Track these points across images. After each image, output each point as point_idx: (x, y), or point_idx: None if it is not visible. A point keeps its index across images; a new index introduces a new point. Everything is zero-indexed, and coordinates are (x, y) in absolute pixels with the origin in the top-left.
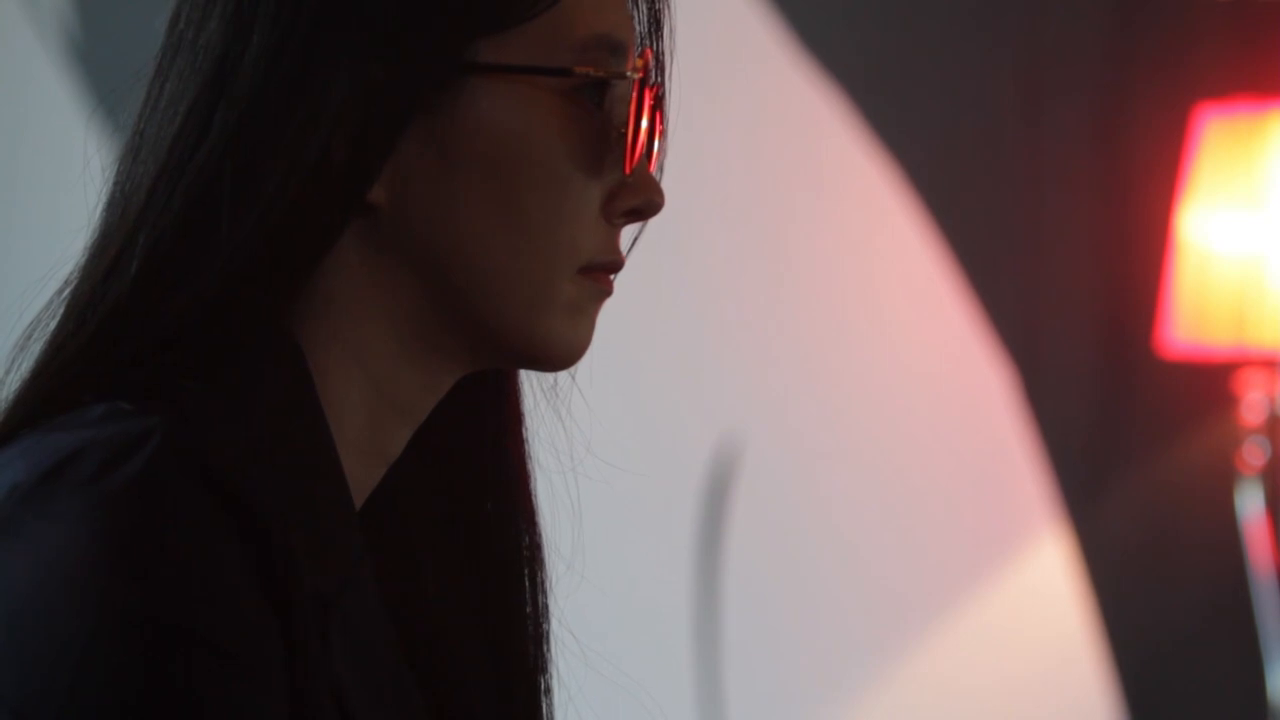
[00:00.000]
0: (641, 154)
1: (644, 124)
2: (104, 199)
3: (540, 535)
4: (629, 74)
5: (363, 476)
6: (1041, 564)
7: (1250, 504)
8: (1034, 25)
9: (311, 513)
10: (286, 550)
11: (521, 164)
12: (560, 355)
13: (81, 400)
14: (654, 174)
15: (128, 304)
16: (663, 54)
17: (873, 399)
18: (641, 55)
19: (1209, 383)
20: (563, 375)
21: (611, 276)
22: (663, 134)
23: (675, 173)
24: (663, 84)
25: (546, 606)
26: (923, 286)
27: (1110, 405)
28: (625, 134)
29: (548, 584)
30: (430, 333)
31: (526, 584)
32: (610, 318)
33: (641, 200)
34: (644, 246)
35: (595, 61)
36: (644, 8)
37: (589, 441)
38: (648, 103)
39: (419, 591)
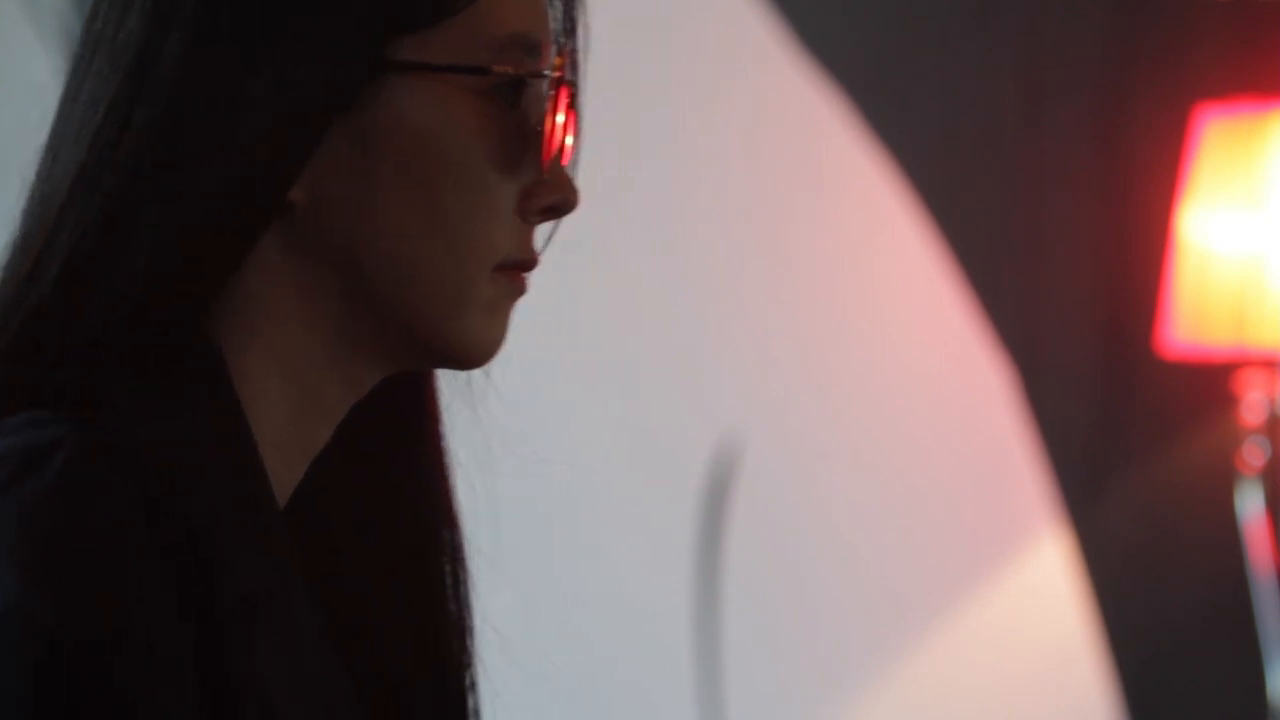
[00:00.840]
0: (557, 152)
1: (560, 122)
2: (24, 199)
3: (460, 533)
4: (545, 73)
5: (285, 473)
6: (1041, 564)
7: (1250, 504)
8: (1034, 25)
9: (233, 512)
10: (209, 551)
11: (438, 162)
12: (476, 353)
13: (6, 403)
14: (569, 172)
15: (50, 305)
16: (577, 52)
17: (873, 399)
18: (558, 54)
19: (1209, 383)
20: (563, 376)
21: (525, 275)
22: (577, 132)
23: (675, 172)
24: (577, 82)
25: (469, 603)
26: (923, 286)
27: (1110, 405)
28: (541, 132)
29: (469, 580)
30: (349, 331)
31: (448, 581)
32: (611, 318)
33: (557, 198)
34: (645, 246)
35: (512, 60)
36: (559, 6)
37: (584, 440)
38: (563, 101)
39: (346, 588)
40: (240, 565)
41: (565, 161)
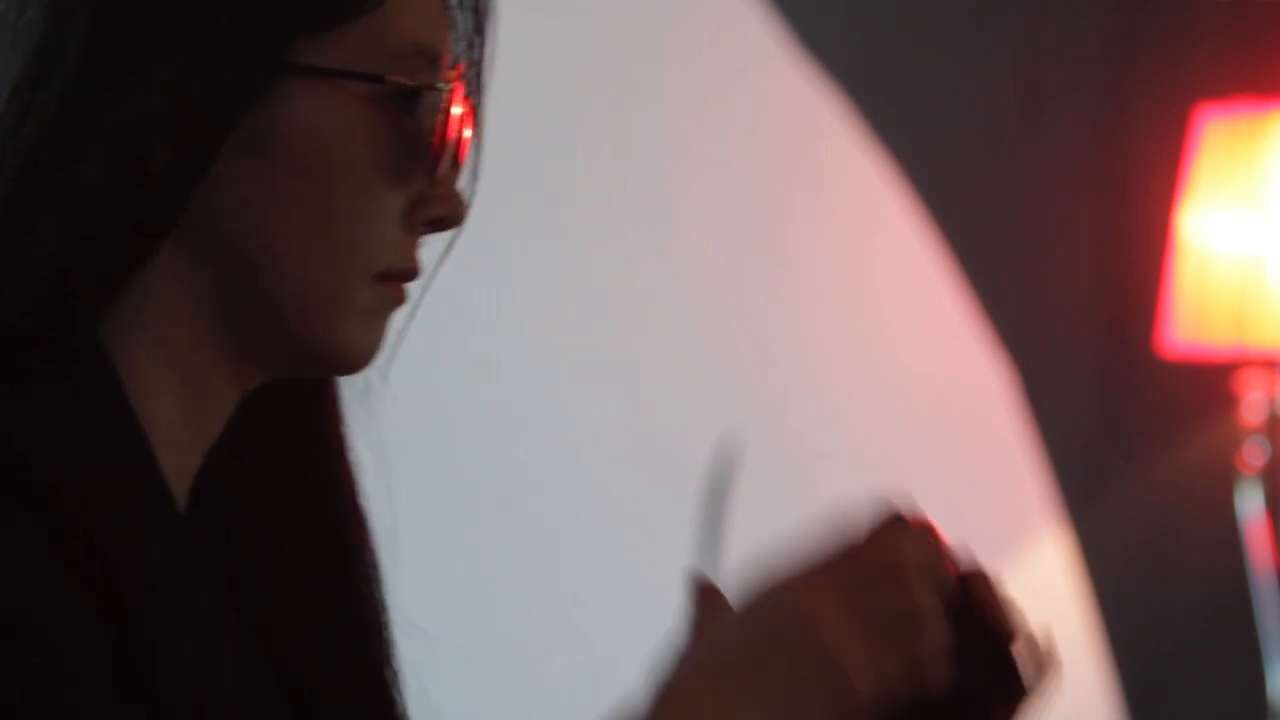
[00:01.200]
0: (447, 165)
1: (452, 136)
2: None
3: (369, 531)
4: (441, 85)
5: (180, 463)
6: (1041, 564)
7: (1250, 504)
8: (1034, 25)
9: (125, 501)
10: (101, 535)
11: (329, 167)
12: (351, 360)
13: None
14: (460, 186)
15: None
16: (481, 67)
17: (873, 399)
18: (455, 67)
19: (1209, 383)
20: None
21: (406, 285)
22: (475, 147)
23: (675, 172)
24: (479, 98)
25: (382, 600)
26: (923, 286)
27: (1110, 405)
28: (433, 144)
29: (379, 578)
30: (233, 328)
31: (359, 578)
32: (611, 318)
33: (443, 210)
34: (644, 247)
35: (410, 70)
36: (467, 20)
37: (587, 440)
38: (458, 115)
39: (261, 580)
40: (134, 547)
41: (457, 175)
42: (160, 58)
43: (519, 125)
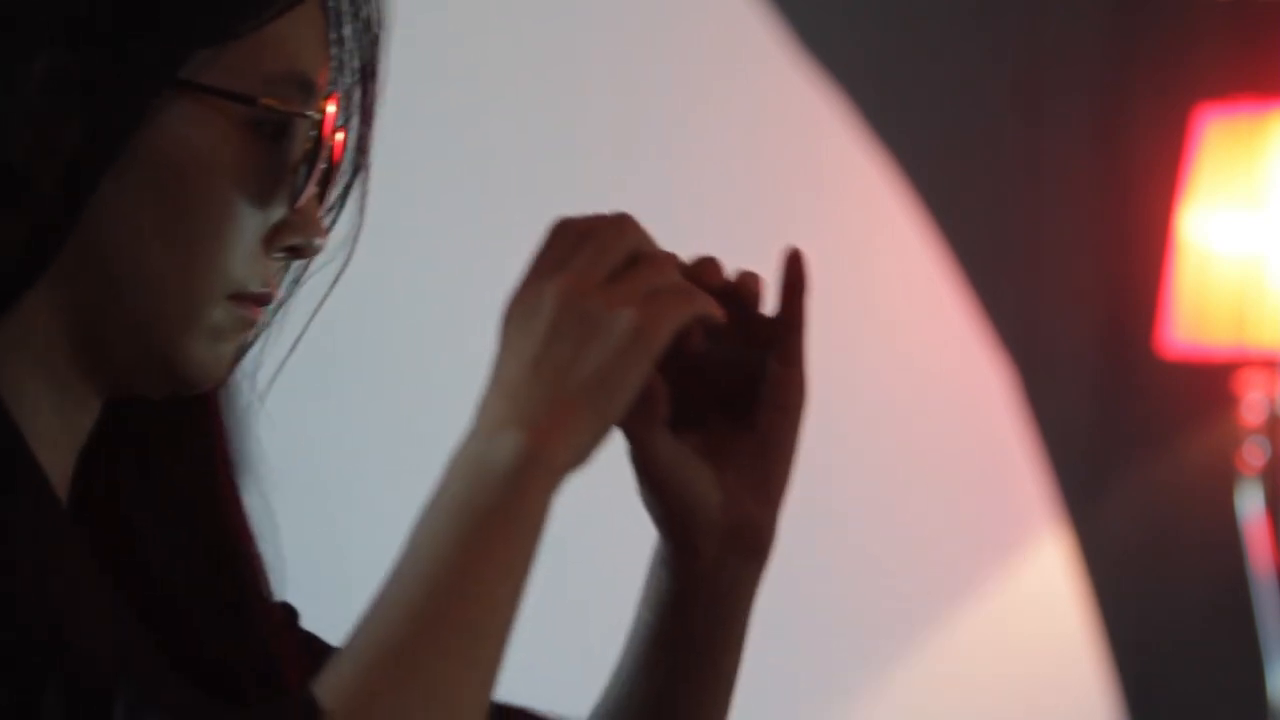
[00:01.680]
0: (309, 194)
1: (317, 166)
2: None
3: (251, 544)
4: (311, 114)
5: (54, 464)
6: (1041, 564)
7: (1250, 504)
8: (1034, 25)
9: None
10: None
11: (192, 184)
12: (196, 377)
13: None
14: (320, 216)
15: None
16: (367, 99)
17: (872, 399)
18: (330, 97)
19: (1209, 383)
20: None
21: (260, 308)
22: (353, 178)
23: (675, 172)
24: (363, 131)
25: (264, 606)
26: (923, 286)
27: (1110, 405)
28: (297, 172)
29: (265, 584)
30: (91, 336)
31: (243, 583)
32: None
33: (300, 239)
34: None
35: (282, 96)
36: (351, 53)
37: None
38: (327, 145)
39: (147, 580)
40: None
41: (319, 205)
42: (48, 73)
43: (518, 126)
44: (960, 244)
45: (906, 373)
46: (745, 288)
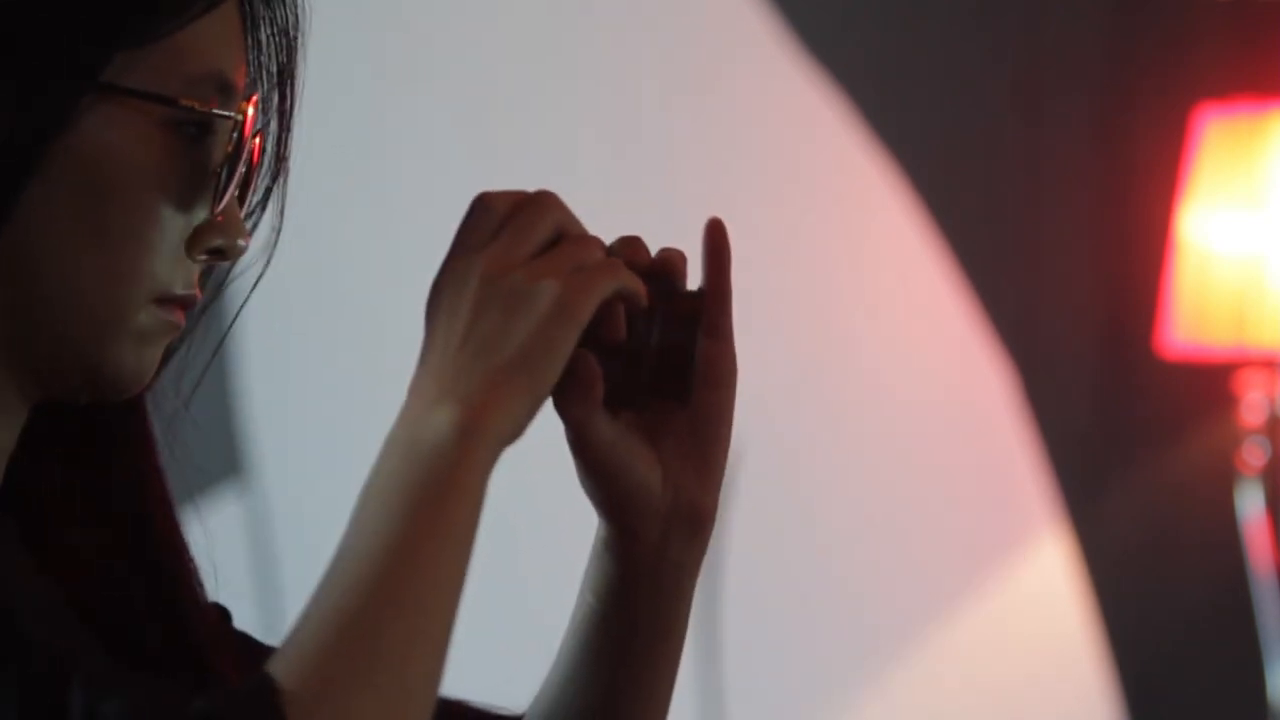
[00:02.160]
0: (230, 196)
1: (238, 168)
2: None
3: (184, 546)
4: (231, 115)
5: None
6: (1041, 564)
7: (1250, 504)
8: (1034, 25)
9: None
10: None
11: (114, 187)
12: (122, 382)
13: None
14: (242, 218)
15: None
16: (286, 101)
17: (873, 399)
18: (249, 99)
19: (1209, 383)
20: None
21: (183, 311)
22: (272, 180)
23: (674, 172)
24: (282, 133)
25: (199, 608)
26: (923, 286)
27: (1110, 405)
28: (219, 174)
29: (199, 586)
30: (14, 343)
31: (177, 585)
32: None
33: (222, 241)
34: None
35: (202, 97)
36: (270, 55)
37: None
38: (248, 147)
39: (78, 586)
40: None
41: (239, 207)
42: None
43: (517, 125)
44: (960, 244)
45: (906, 373)
46: (670, 264)
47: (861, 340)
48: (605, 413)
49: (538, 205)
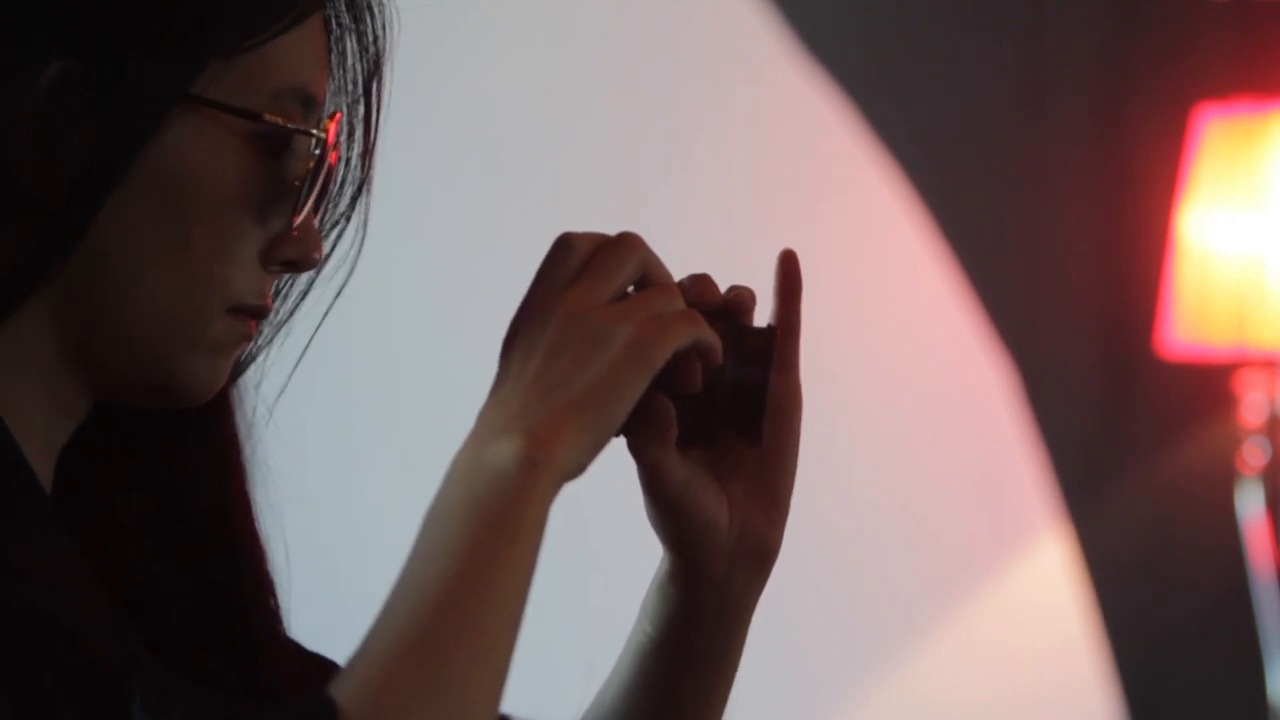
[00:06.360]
0: (307, 210)
1: (317, 183)
2: None
3: (260, 554)
4: (313, 131)
5: (43, 463)
6: (1041, 565)
7: (1250, 504)
8: (1034, 25)
9: None
10: None
11: (193, 196)
12: (195, 391)
13: None
14: (318, 231)
15: None
16: (370, 121)
17: (872, 399)
18: (331, 117)
19: (1209, 383)
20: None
21: (256, 322)
22: (354, 197)
23: (675, 173)
24: (364, 150)
25: (269, 617)
26: (923, 286)
27: (1110, 405)
28: (297, 188)
29: (272, 597)
30: (84, 345)
31: (250, 592)
32: None
33: (298, 254)
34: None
35: (285, 112)
36: (354, 72)
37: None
38: (326, 163)
39: (134, 581)
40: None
41: (315, 220)
42: (56, 83)
43: (525, 134)
44: (960, 244)
45: (907, 374)
46: (740, 302)
47: (862, 341)
48: (677, 453)
49: (621, 247)
